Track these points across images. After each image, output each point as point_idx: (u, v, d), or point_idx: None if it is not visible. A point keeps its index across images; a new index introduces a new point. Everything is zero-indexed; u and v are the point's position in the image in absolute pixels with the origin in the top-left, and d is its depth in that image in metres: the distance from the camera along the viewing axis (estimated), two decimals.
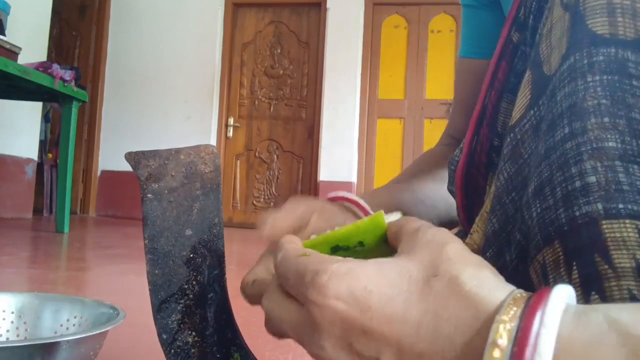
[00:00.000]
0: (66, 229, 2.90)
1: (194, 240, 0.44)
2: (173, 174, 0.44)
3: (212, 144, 4.82)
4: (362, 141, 4.57)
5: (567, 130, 0.29)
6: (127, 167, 0.45)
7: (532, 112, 0.34)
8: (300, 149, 4.74)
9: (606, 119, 0.28)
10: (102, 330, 0.54)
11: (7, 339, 0.62)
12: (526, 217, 0.32)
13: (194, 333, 0.43)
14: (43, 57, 3.75)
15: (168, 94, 4.83)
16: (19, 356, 0.47)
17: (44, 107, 4.11)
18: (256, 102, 4.83)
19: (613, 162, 0.28)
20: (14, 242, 2.43)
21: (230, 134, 4.82)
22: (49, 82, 2.67)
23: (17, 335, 0.63)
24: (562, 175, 0.29)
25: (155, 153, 0.44)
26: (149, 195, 0.43)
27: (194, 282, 0.44)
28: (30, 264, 1.88)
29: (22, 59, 2.71)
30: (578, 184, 0.29)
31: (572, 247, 0.29)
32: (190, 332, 0.43)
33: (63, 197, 2.90)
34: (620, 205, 0.27)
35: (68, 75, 2.77)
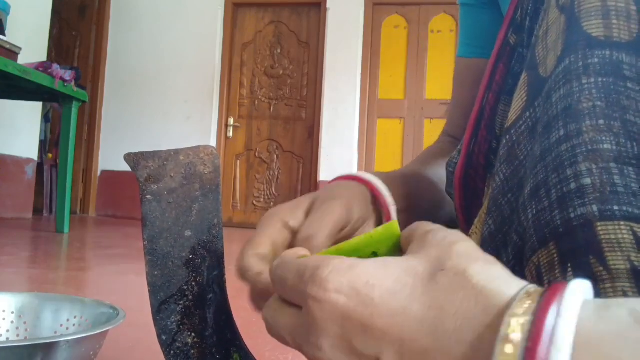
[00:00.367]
0: (66, 229, 2.90)
1: (193, 241, 0.44)
2: (172, 175, 0.44)
3: (212, 144, 4.83)
4: (362, 141, 4.57)
5: (562, 133, 0.29)
6: (127, 167, 0.45)
7: (528, 113, 0.34)
8: (300, 149, 4.74)
9: (601, 121, 0.28)
10: (102, 330, 0.54)
11: (7, 339, 0.62)
12: (522, 218, 0.32)
13: (193, 334, 0.43)
14: (43, 57, 3.75)
15: (168, 94, 4.82)
16: (19, 356, 0.47)
17: (44, 107, 4.11)
18: (256, 102, 4.83)
19: (608, 164, 0.28)
20: (14, 242, 2.43)
21: (230, 134, 4.82)
22: (49, 82, 2.67)
23: (17, 335, 0.63)
24: (558, 177, 0.29)
25: (154, 154, 0.44)
26: (148, 197, 0.44)
27: (193, 283, 0.44)
28: (30, 264, 1.88)
29: (22, 59, 2.71)
30: (573, 185, 0.29)
31: (567, 249, 0.29)
32: (189, 333, 0.43)
33: (63, 197, 2.90)
34: (615, 207, 0.28)
35: (68, 75, 2.77)
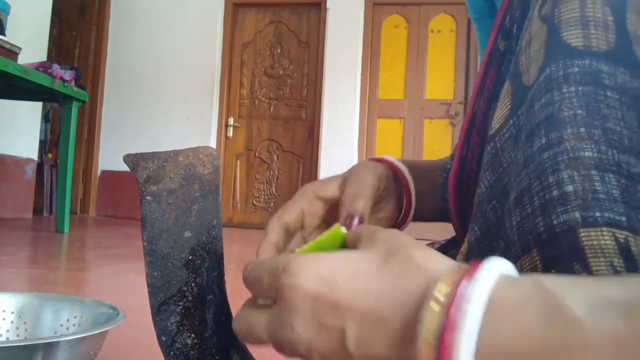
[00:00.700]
0: (66, 229, 2.90)
1: (192, 242, 0.44)
2: (172, 176, 0.44)
3: (212, 143, 4.82)
4: (362, 141, 4.57)
5: (544, 141, 0.30)
6: (127, 167, 0.45)
7: (511, 121, 0.34)
8: (300, 149, 4.74)
9: (582, 129, 0.29)
10: (102, 330, 0.55)
11: (7, 339, 0.62)
12: (507, 225, 0.33)
13: (193, 335, 0.44)
14: (43, 57, 3.75)
15: (168, 94, 4.83)
16: (19, 356, 0.47)
17: (44, 107, 4.11)
18: (256, 102, 4.83)
19: (589, 171, 0.28)
20: (14, 242, 2.43)
21: (230, 134, 4.82)
22: (49, 82, 2.67)
23: (17, 335, 0.63)
24: (540, 184, 0.30)
25: (153, 155, 0.44)
26: (148, 197, 0.44)
27: (193, 284, 0.44)
28: (30, 264, 1.88)
29: (22, 59, 2.71)
30: (555, 193, 0.29)
31: (550, 256, 0.29)
32: (189, 334, 0.43)
33: (63, 197, 2.90)
34: (597, 214, 0.28)
35: (68, 75, 2.77)
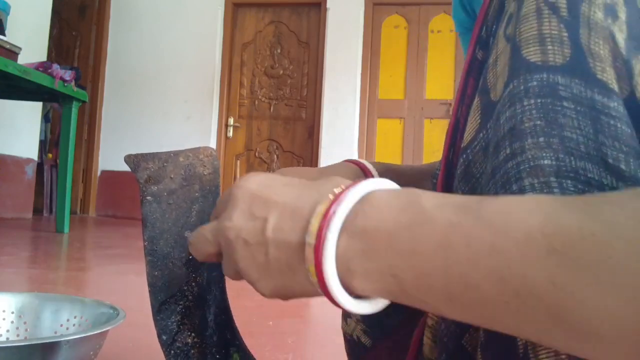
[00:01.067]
0: (66, 229, 2.90)
1: None
2: (172, 176, 0.45)
3: (212, 144, 4.81)
4: (362, 141, 4.57)
5: (508, 151, 0.32)
6: (127, 167, 0.45)
7: (481, 135, 0.36)
8: (300, 149, 4.74)
9: (541, 139, 0.30)
10: (102, 330, 0.55)
11: (7, 339, 0.62)
12: None
13: (193, 334, 0.44)
14: (43, 57, 3.75)
15: (168, 94, 4.83)
16: (19, 356, 0.47)
17: (44, 107, 4.11)
18: (256, 102, 4.83)
19: (548, 178, 0.30)
20: (14, 242, 2.43)
21: (230, 134, 4.82)
22: (49, 82, 2.67)
23: (17, 335, 0.63)
24: (505, 192, 0.31)
25: (154, 155, 0.45)
26: (148, 198, 0.44)
27: (193, 284, 0.44)
28: (30, 264, 1.88)
29: (22, 59, 2.71)
30: None
31: None
32: (189, 333, 0.44)
33: (63, 197, 2.90)
34: None
35: (68, 75, 2.77)
